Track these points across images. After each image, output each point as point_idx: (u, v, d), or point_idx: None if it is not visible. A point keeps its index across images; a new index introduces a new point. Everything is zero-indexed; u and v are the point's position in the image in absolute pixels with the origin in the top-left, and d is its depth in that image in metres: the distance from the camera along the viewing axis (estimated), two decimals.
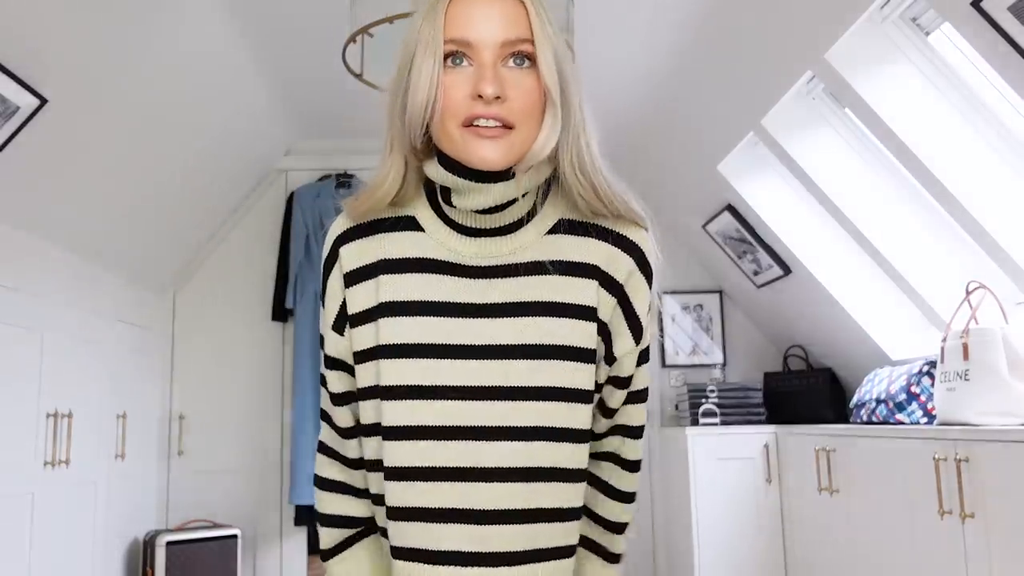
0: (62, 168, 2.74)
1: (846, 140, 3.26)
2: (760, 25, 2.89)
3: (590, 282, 1.04)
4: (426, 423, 0.98)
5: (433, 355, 0.99)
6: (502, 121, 0.96)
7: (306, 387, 3.92)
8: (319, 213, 4.07)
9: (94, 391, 3.25)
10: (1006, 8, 2.04)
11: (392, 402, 1.00)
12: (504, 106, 0.96)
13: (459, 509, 0.97)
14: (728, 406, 4.06)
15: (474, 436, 0.98)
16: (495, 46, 0.96)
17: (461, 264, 1.02)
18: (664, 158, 4.22)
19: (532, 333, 1.00)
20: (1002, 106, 2.61)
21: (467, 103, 0.96)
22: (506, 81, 0.96)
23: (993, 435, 2.29)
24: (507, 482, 0.98)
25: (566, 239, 1.05)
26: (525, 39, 0.97)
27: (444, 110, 0.96)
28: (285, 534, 4.04)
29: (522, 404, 0.98)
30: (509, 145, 0.97)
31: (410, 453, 0.99)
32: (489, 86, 0.94)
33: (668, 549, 4.37)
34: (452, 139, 0.97)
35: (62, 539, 2.97)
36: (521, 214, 1.04)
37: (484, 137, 0.96)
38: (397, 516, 1.00)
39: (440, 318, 1.00)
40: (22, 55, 2.24)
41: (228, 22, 2.92)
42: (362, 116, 3.95)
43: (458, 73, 0.96)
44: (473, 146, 0.96)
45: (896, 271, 3.21)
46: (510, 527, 0.98)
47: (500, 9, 0.97)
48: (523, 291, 1.01)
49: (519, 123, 0.97)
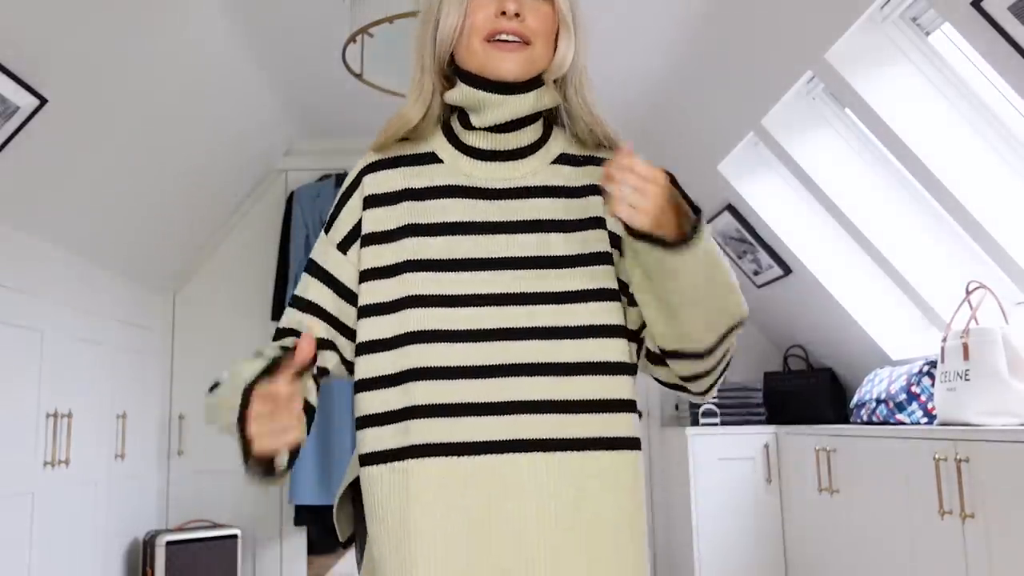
0: (62, 168, 2.74)
1: (846, 140, 3.26)
2: (760, 25, 2.89)
3: (595, 198, 1.15)
4: (457, 327, 1.06)
5: (458, 268, 1.09)
6: (521, 36, 1.11)
7: None
8: (319, 213, 4.07)
9: (94, 391, 3.25)
10: (1006, 8, 2.04)
11: (422, 310, 1.07)
12: (523, 24, 1.10)
13: (491, 403, 1.04)
14: (728, 406, 4.06)
15: (502, 337, 1.06)
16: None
17: (478, 187, 1.14)
18: (664, 158, 4.21)
19: (546, 246, 1.11)
20: (1002, 106, 2.61)
21: (490, 20, 1.10)
22: (525, 5, 1.11)
23: (993, 435, 2.29)
24: (535, 376, 1.05)
25: (568, 168, 1.19)
26: None
27: (470, 27, 1.11)
28: (285, 534, 4.04)
29: (543, 307, 1.07)
30: (526, 59, 1.12)
31: (444, 354, 1.05)
32: (511, 3, 1.09)
33: (668, 549, 4.37)
34: (476, 54, 1.12)
35: (62, 539, 2.97)
36: (531, 140, 1.18)
37: (504, 51, 1.10)
38: (424, 414, 1.04)
39: (462, 236, 1.11)
40: (22, 55, 2.24)
41: (228, 22, 2.92)
42: (362, 116, 3.95)
43: (483, 1, 1.11)
44: (495, 59, 1.11)
45: (896, 271, 3.20)
46: (540, 416, 1.04)
47: None
48: (535, 211, 1.13)
49: (535, 40, 1.11)
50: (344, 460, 3.85)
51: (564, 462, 1.04)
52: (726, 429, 3.93)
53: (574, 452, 1.05)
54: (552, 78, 1.17)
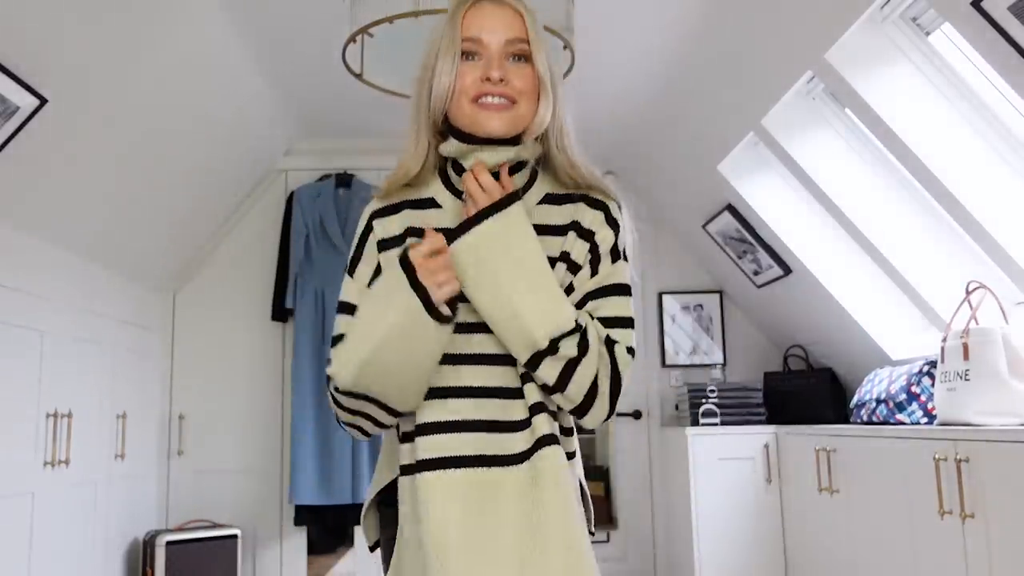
0: (62, 168, 2.74)
1: (846, 140, 3.26)
2: (760, 25, 2.89)
3: (567, 237, 1.31)
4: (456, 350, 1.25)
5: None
6: (506, 97, 1.27)
7: (306, 387, 3.92)
8: (319, 213, 4.06)
9: (94, 391, 3.25)
10: (1006, 8, 2.04)
11: None
12: (507, 86, 1.26)
13: (465, 387, 1.24)
14: (728, 406, 4.06)
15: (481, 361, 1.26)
16: (500, 44, 1.27)
17: None
18: (664, 158, 4.22)
19: None
20: (1002, 106, 2.61)
21: (477, 84, 1.26)
22: (508, 70, 1.26)
23: (993, 435, 2.29)
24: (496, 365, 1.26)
25: (551, 208, 1.33)
26: (523, 39, 1.28)
27: (460, 89, 1.26)
28: (285, 534, 4.05)
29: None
30: (511, 117, 1.27)
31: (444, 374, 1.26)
32: (496, 71, 1.25)
33: (668, 549, 4.37)
34: (465, 113, 1.27)
35: (62, 539, 2.97)
36: (518, 185, 1.31)
37: (491, 111, 1.26)
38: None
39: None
40: (22, 55, 2.24)
41: (228, 22, 2.92)
42: (362, 116, 3.95)
43: (471, 65, 1.27)
44: (482, 118, 1.26)
45: (896, 271, 3.21)
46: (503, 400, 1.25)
47: (503, 17, 1.28)
48: None
49: (520, 99, 1.27)
50: (344, 461, 3.85)
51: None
52: (726, 429, 3.93)
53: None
54: (532, 137, 1.31)
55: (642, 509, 4.48)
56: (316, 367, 3.94)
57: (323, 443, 3.88)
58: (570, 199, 1.33)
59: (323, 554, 4.67)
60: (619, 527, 4.47)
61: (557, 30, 2.36)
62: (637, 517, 4.48)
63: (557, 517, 1.19)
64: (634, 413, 4.52)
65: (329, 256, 4.04)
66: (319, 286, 4.00)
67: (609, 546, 4.47)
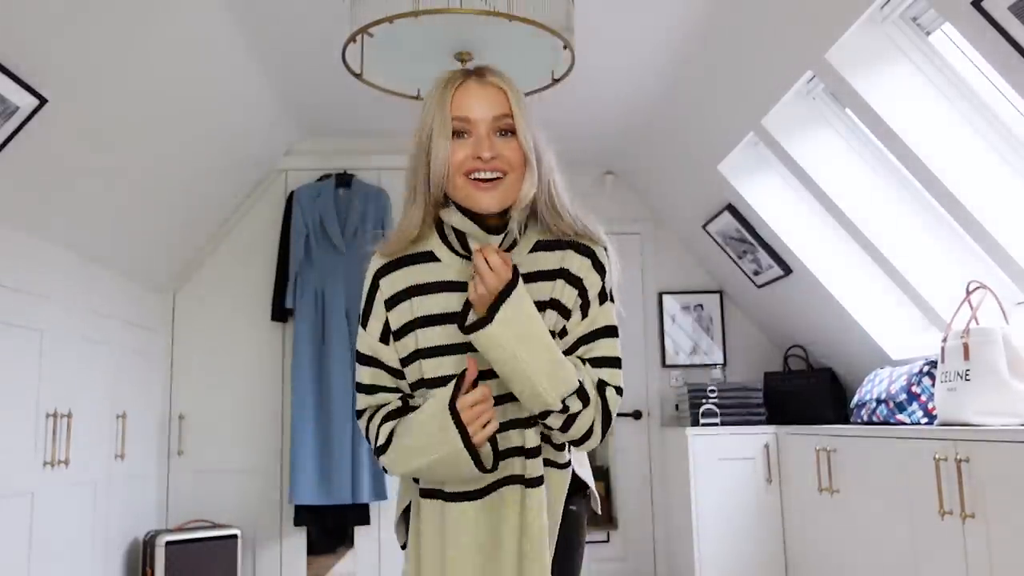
0: (62, 168, 2.74)
1: (846, 140, 3.26)
2: (760, 25, 2.89)
3: (555, 283, 1.45)
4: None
5: (458, 352, 1.41)
6: (498, 170, 1.39)
7: (306, 387, 3.92)
8: (319, 213, 4.06)
9: (94, 391, 3.25)
10: (1006, 8, 2.04)
11: (434, 389, 1.41)
12: (497, 161, 1.39)
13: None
14: (728, 406, 4.06)
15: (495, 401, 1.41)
16: (487, 120, 1.40)
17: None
18: (665, 158, 4.22)
19: None
20: (1003, 106, 2.61)
21: (469, 161, 1.39)
22: (496, 145, 1.39)
23: (993, 435, 2.29)
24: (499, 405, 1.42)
25: (542, 255, 1.47)
26: (507, 115, 1.41)
27: (454, 165, 1.39)
28: (285, 534, 4.04)
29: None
30: (502, 191, 1.40)
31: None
32: (486, 151, 1.38)
33: (668, 549, 4.37)
34: (458, 188, 1.40)
35: (62, 539, 2.97)
36: (509, 243, 1.45)
37: (482, 190, 1.39)
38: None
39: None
40: (22, 55, 2.24)
41: (228, 22, 2.92)
42: (362, 116, 3.95)
43: (462, 143, 1.40)
44: (475, 196, 1.40)
45: (896, 271, 3.20)
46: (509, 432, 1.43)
47: (488, 96, 1.41)
48: None
49: (509, 171, 1.40)
50: (344, 461, 3.85)
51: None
52: (726, 429, 3.93)
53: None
54: (518, 210, 1.43)
55: (642, 509, 4.48)
56: (316, 367, 3.94)
57: (323, 443, 3.88)
58: (559, 245, 1.47)
59: (323, 554, 4.67)
60: (619, 527, 4.47)
61: (557, 30, 2.36)
62: (637, 517, 4.48)
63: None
64: (634, 413, 4.52)
65: (329, 256, 4.03)
66: (319, 286, 3.99)
67: (609, 546, 4.47)
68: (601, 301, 1.45)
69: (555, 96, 2.77)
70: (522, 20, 2.28)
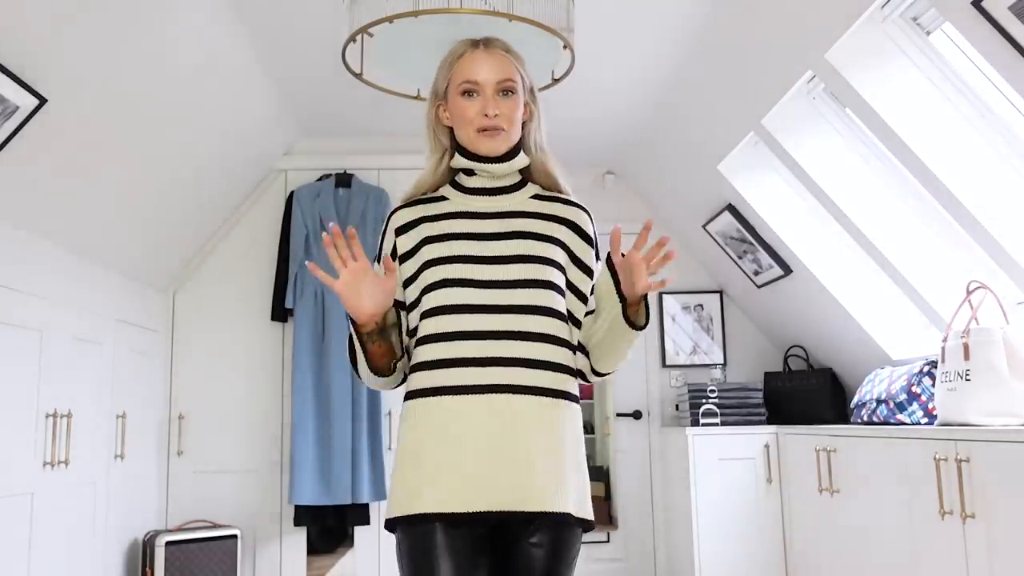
0: (62, 168, 2.73)
1: (847, 140, 3.26)
2: (760, 25, 2.89)
3: (562, 227, 1.68)
4: (458, 301, 1.57)
5: (461, 262, 1.60)
6: (501, 125, 1.64)
7: (306, 387, 3.92)
8: (319, 213, 4.06)
9: (94, 391, 3.25)
10: (1007, 8, 2.04)
11: (435, 292, 1.58)
12: (499, 118, 1.64)
13: (477, 330, 1.55)
14: (729, 406, 4.06)
15: (489, 311, 1.57)
16: (493, 83, 1.64)
17: (475, 212, 1.67)
18: (665, 158, 4.22)
19: (526, 248, 1.62)
20: (1003, 106, 2.61)
21: (479, 118, 1.63)
22: (499, 104, 1.64)
23: (994, 435, 2.29)
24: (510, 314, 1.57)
25: (541, 202, 1.71)
26: (510, 79, 1.65)
27: (466, 121, 1.65)
28: (285, 534, 4.04)
29: (519, 291, 1.58)
30: (503, 140, 1.65)
31: (449, 321, 1.57)
32: (492, 110, 1.63)
33: (668, 549, 4.37)
34: (470, 138, 1.65)
35: (62, 539, 2.97)
36: (512, 182, 1.71)
37: (488, 139, 1.64)
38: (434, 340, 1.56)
39: (464, 241, 1.62)
40: (22, 55, 2.24)
41: (228, 22, 2.92)
42: (362, 116, 3.95)
43: (472, 101, 1.65)
44: (483, 143, 1.65)
45: (897, 271, 3.20)
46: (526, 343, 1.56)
47: (494, 62, 1.65)
48: (519, 227, 1.65)
49: (508, 126, 1.65)
50: (344, 461, 3.85)
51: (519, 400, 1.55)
52: (726, 429, 3.93)
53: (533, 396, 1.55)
54: (527, 143, 1.71)
55: (642, 509, 4.48)
56: (316, 367, 3.94)
57: (323, 443, 3.88)
58: (555, 200, 1.72)
59: (323, 554, 4.67)
60: (619, 527, 4.47)
61: (557, 30, 2.36)
62: (637, 517, 4.48)
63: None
64: (634, 413, 4.52)
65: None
66: (319, 286, 3.99)
67: (609, 546, 4.47)
68: (597, 256, 1.71)
69: (555, 96, 2.77)
70: (522, 20, 2.29)
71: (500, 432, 1.49)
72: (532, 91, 1.70)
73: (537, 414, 1.51)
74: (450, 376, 1.53)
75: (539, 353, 1.55)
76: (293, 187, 4.20)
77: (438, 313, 1.56)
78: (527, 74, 1.70)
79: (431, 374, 1.55)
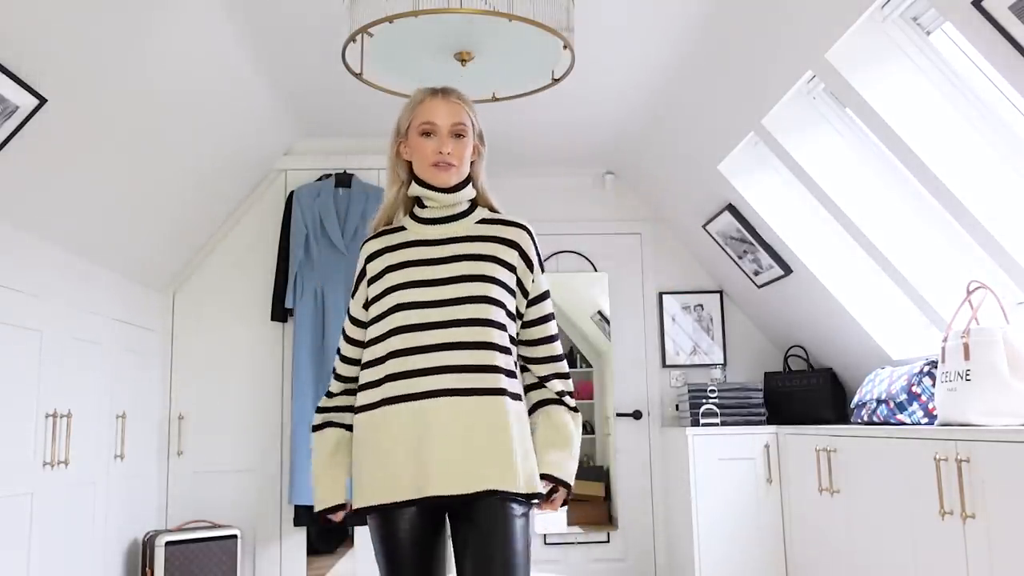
0: (62, 168, 2.73)
1: (847, 140, 3.26)
2: (760, 25, 2.89)
3: (510, 249, 1.92)
4: (409, 323, 1.83)
5: (415, 287, 1.85)
6: (452, 162, 1.90)
7: (306, 387, 3.92)
8: (319, 213, 4.06)
9: (94, 391, 3.25)
10: (1007, 8, 2.04)
11: (391, 315, 1.84)
12: (451, 155, 1.89)
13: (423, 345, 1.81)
14: (729, 406, 4.06)
15: (433, 327, 1.82)
16: (448, 126, 1.90)
17: (428, 239, 1.92)
18: (665, 158, 4.22)
19: (467, 268, 1.87)
20: (1003, 106, 2.61)
21: (434, 155, 1.89)
22: (452, 144, 1.89)
23: (994, 435, 2.29)
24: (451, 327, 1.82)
25: (485, 225, 1.96)
26: (462, 123, 1.91)
27: (423, 157, 1.90)
28: (285, 534, 4.04)
29: (459, 307, 1.83)
30: (455, 173, 1.91)
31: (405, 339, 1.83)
32: (446, 148, 1.89)
33: (668, 549, 4.37)
34: (426, 172, 1.91)
35: (62, 539, 2.97)
36: (461, 211, 1.96)
37: (441, 172, 1.90)
38: (392, 356, 1.82)
39: (416, 267, 1.88)
40: (22, 55, 2.24)
41: (228, 22, 2.92)
42: (362, 116, 3.95)
43: (430, 140, 1.90)
44: (437, 176, 1.90)
45: (897, 271, 3.20)
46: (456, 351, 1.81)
47: (449, 108, 1.91)
48: (466, 249, 1.90)
49: (458, 163, 1.91)
50: None
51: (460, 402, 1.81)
52: (726, 429, 3.93)
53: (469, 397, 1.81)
54: (475, 181, 1.98)
55: (642, 509, 4.48)
56: (316, 367, 3.94)
57: None
58: (498, 222, 1.96)
59: (323, 554, 4.67)
60: (619, 527, 4.47)
61: (557, 30, 2.36)
62: (637, 517, 4.48)
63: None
64: (634, 413, 4.52)
65: (329, 256, 4.03)
66: (319, 286, 3.99)
67: (609, 546, 4.47)
68: (541, 269, 1.97)
69: (555, 96, 2.77)
70: (522, 20, 2.29)
71: (425, 433, 1.75)
72: (480, 135, 1.97)
73: (460, 409, 1.77)
74: (390, 389, 1.81)
75: (474, 359, 1.80)
76: (293, 187, 4.19)
77: (392, 334, 1.83)
78: (477, 120, 1.97)
79: (378, 389, 1.83)
